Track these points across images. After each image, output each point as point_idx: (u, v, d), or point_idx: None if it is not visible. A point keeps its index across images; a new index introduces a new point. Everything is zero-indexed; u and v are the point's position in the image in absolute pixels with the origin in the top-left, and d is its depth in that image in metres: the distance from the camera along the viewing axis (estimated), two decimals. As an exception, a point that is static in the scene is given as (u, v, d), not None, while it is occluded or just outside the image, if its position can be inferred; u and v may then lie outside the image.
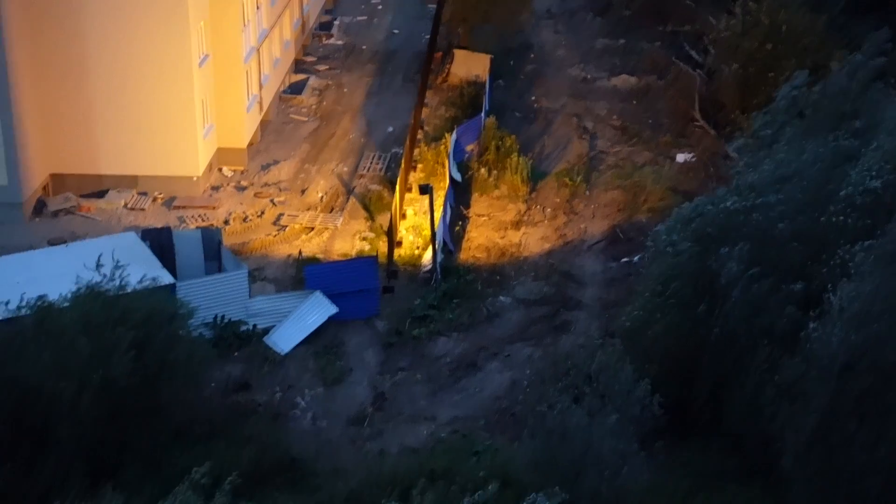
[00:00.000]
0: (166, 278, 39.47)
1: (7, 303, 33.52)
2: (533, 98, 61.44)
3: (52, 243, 46.07)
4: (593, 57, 65.80)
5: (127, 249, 40.15)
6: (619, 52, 65.65)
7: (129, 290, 33.15)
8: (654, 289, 34.09)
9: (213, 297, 40.16)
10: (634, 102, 60.14)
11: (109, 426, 30.84)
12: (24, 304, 32.42)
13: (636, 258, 45.29)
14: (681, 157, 53.78)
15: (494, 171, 52.33)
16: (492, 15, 64.59)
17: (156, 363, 31.98)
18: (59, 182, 50.65)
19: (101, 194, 50.45)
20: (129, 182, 50.83)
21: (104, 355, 30.69)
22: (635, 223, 48.28)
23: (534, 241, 48.12)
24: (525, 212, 50.34)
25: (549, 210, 50.34)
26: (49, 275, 38.54)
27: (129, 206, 49.93)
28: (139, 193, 50.68)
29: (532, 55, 66.61)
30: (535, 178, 52.65)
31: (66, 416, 29.96)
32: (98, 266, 33.42)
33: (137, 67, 49.22)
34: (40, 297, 32.50)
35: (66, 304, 32.30)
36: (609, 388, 28.20)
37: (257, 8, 55.91)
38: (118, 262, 33.88)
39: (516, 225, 49.35)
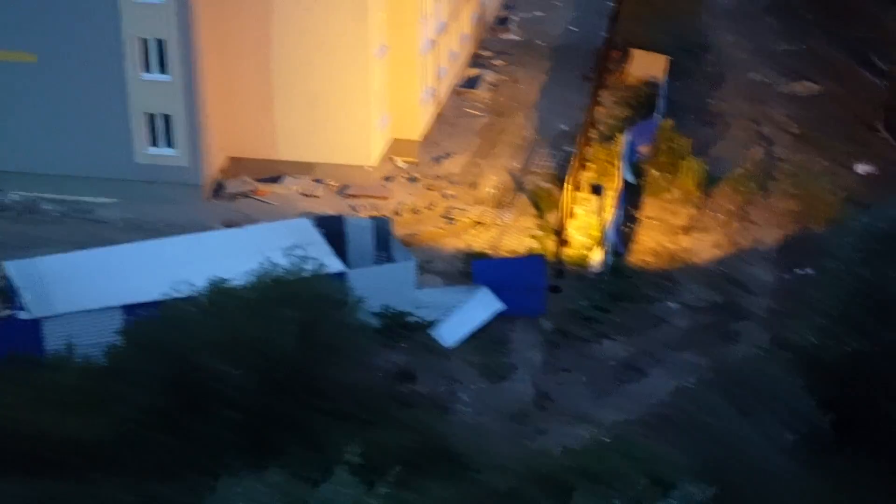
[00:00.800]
0: (337, 265, 40.06)
1: (182, 281, 34.40)
2: (709, 101, 60.55)
3: (227, 225, 47.16)
4: (773, 61, 64.54)
5: (300, 235, 40.90)
6: (800, 57, 64.27)
7: (300, 274, 33.73)
8: (829, 304, 33.25)
9: (381, 287, 40.59)
10: (814, 109, 58.81)
11: (274, 405, 31.41)
12: (198, 283, 33.27)
13: (810, 270, 44.30)
14: (861, 169, 52.43)
15: (667, 174, 51.75)
16: (670, 14, 63.81)
17: (322, 347, 32.45)
18: (237, 165, 51.79)
19: (276, 179, 51.43)
20: (305, 168, 51.69)
21: (273, 336, 31.29)
22: (811, 234, 47.23)
23: (705, 246, 47.47)
24: (697, 216, 49.66)
25: (721, 216, 49.58)
26: (224, 255, 39.47)
27: (303, 192, 50.80)
28: (314, 180, 51.50)
29: (710, 57, 65.63)
30: (709, 182, 51.89)
31: (233, 393, 30.61)
32: (272, 249, 34.09)
33: (316, 55, 50.00)
34: (214, 277, 33.31)
35: (239, 285, 33.03)
36: (775, 401, 27.65)
37: (436, 1, 56.25)
38: (291, 246, 34.52)
39: (687, 229, 48.73)
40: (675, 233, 48.43)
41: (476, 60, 64.61)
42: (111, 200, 49.46)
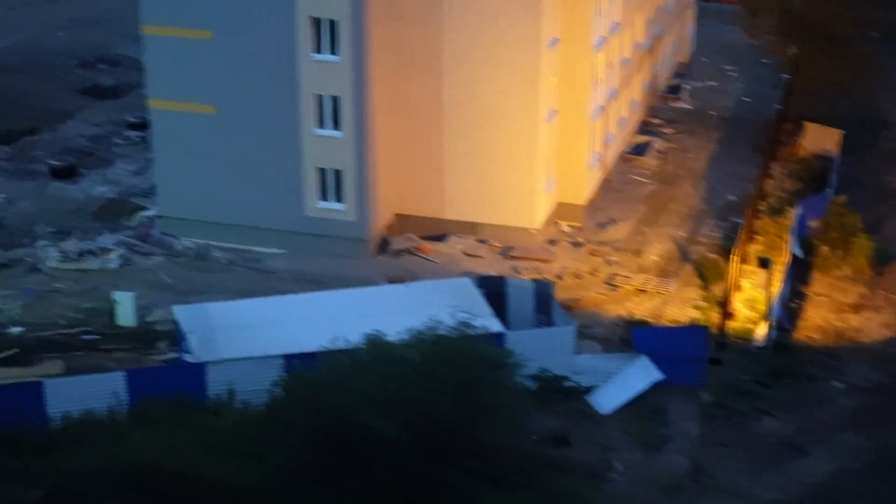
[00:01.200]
0: (496, 326, 40.03)
1: (343, 335, 34.71)
2: (884, 177, 59.06)
3: (391, 281, 47.60)
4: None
5: (461, 294, 41.02)
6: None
7: (460, 334, 33.74)
8: None
9: (539, 350, 40.34)
10: None
11: (427, 464, 31.37)
12: (358, 337, 33.55)
13: None
14: None
15: (838, 251, 50.53)
16: (846, 88, 62.52)
17: (479, 408, 32.35)
18: (403, 222, 52.32)
19: (441, 238, 51.78)
20: (469, 228, 51.94)
21: (429, 395, 31.30)
22: None
23: (874, 326, 46.11)
24: (867, 295, 48.32)
25: (893, 296, 48.12)
26: (386, 311, 39.78)
27: (467, 251, 51.03)
28: (478, 240, 51.72)
29: (886, 133, 64.09)
30: (881, 261, 50.48)
31: (386, 450, 30.68)
32: (433, 307, 34.22)
33: (486, 116, 50.36)
34: (375, 332, 33.56)
35: (398, 341, 33.21)
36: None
37: (608, 67, 56.23)
38: (452, 305, 34.62)
39: (857, 308, 47.43)
40: (843, 311, 47.18)
41: (645, 127, 64.32)
42: (279, 251, 50.43)
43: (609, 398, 40.42)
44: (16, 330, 44.61)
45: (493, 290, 43.07)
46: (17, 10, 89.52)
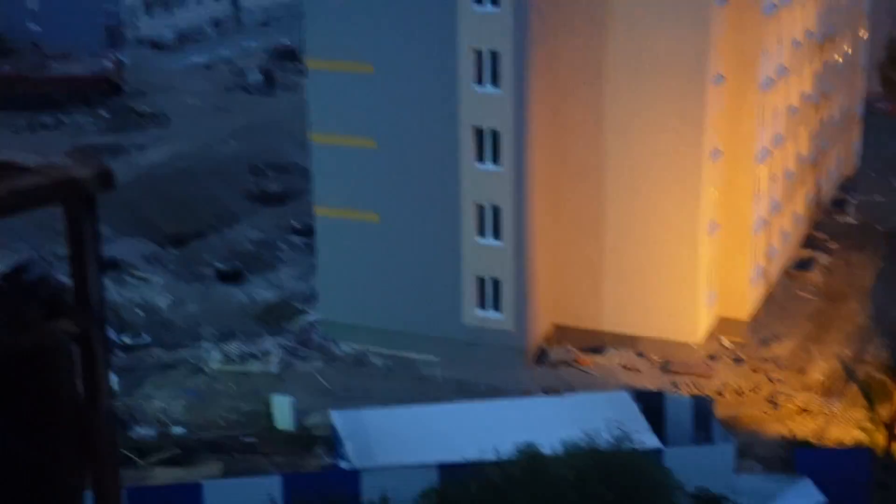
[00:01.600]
0: (654, 442, 39.22)
1: (498, 446, 34.39)
2: None
3: (546, 392, 47.18)
4: None
5: (618, 408, 40.33)
6: None
7: (617, 449, 33.12)
8: None
9: (697, 468, 39.32)
10: None
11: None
12: (514, 448, 33.19)
13: None
14: None
15: None
16: None
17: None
18: (560, 333, 51.99)
19: (599, 349, 51.26)
20: (628, 341, 51.33)
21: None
22: None
23: None
24: None
25: None
26: (541, 423, 39.33)
27: (624, 364, 50.37)
28: (636, 353, 51.04)
29: None
30: None
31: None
32: (589, 421, 33.72)
33: (647, 226, 49.99)
34: (529, 444, 33.15)
35: (553, 455, 32.73)
36: None
37: (772, 179, 55.44)
38: (609, 420, 34.06)
39: None
40: None
41: (810, 242, 63.02)
42: (436, 359, 50.49)
43: (769, 521, 39.12)
44: (177, 430, 45.41)
45: (651, 405, 42.27)
46: (190, 117, 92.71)
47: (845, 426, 45.76)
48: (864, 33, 73.28)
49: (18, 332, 3.23)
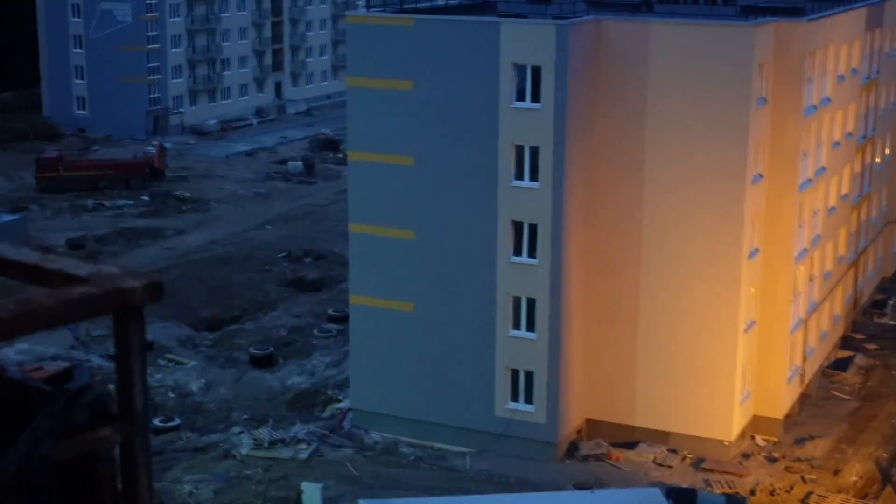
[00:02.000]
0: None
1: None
2: None
3: (577, 487, 46.53)
4: None
5: (650, 505, 39.69)
6: None
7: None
8: None
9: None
10: None
11: None
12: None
13: None
14: None
15: None
16: None
17: None
18: (592, 427, 51.43)
19: (631, 445, 50.62)
20: (660, 437, 50.69)
21: None
22: None
23: None
24: None
25: None
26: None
27: (657, 460, 49.69)
28: (669, 449, 50.37)
29: None
30: None
31: None
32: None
33: (683, 323, 49.59)
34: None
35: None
36: None
37: (810, 280, 55.04)
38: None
39: None
40: None
41: (847, 343, 62.35)
42: (466, 450, 49.99)
43: None
44: (206, 515, 45.04)
45: (683, 503, 41.61)
46: (230, 204, 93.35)
47: (882, 531, 44.81)
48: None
49: (63, 439, 3.24)
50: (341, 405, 54.40)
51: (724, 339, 49.40)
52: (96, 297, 3.06)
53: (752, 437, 52.07)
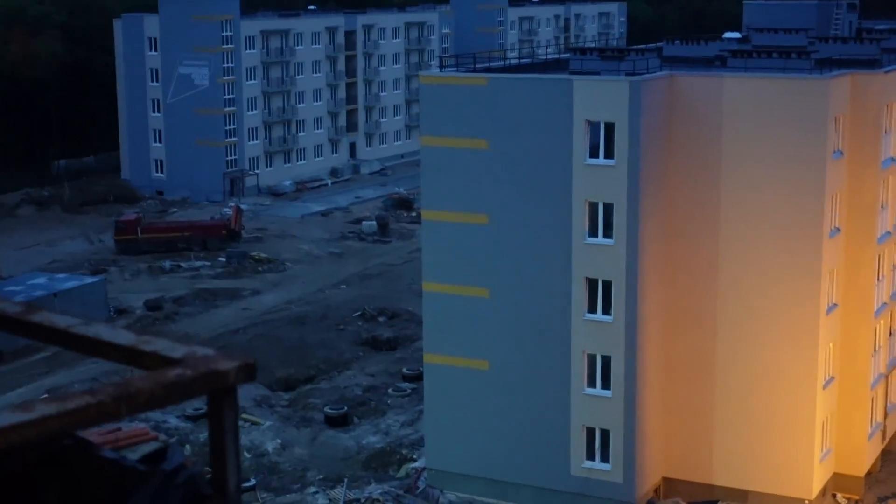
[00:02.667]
0: None
1: None
2: None
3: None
4: None
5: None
6: None
7: None
8: None
9: None
10: None
11: None
12: None
13: None
14: None
15: None
16: None
17: None
18: (669, 486, 50.68)
19: (710, 504, 49.86)
20: (739, 496, 49.80)
21: None
22: None
23: None
24: None
25: None
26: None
27: (737, 520, 48.83)
28: (748, 509, 49.49)
29: None
30: None
31: None
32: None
33: (761, 379, 48.84)
34: None
35: None
36: None
37: (890, 334, 54.07)
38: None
39: None
40: None
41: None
42: (544, 510, 49.50)
43: None
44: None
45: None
46: (305, 264, 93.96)
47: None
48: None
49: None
50: (416, 464, 54.14)
51: (802, 396, 48.58)
52: (192, 379, 3.02)
53: (833, 496, 51.01)
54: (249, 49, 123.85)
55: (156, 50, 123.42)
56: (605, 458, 49.13)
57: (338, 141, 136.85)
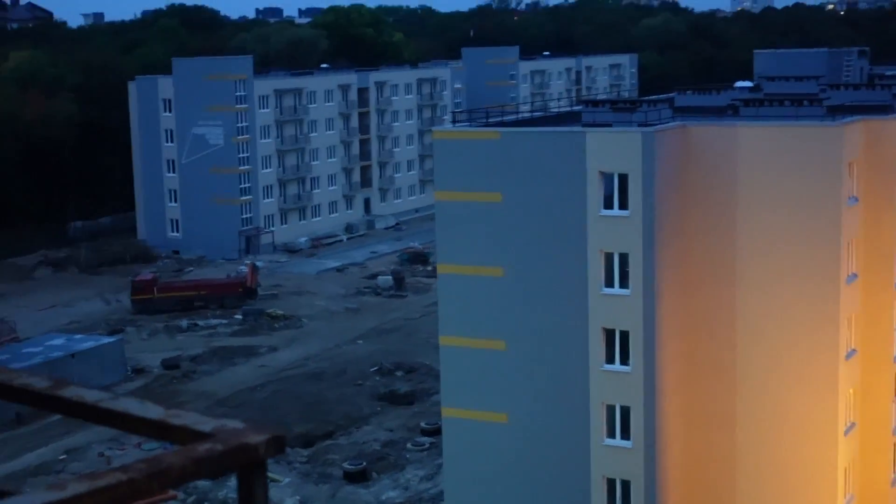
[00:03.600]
0: None
1: None
2: None
3: None
4: None
5: None
6: None
7: None
8: None
9: None
10: None
11: None
12: None
13: None
14: None
15: None
16: None
17: None
18: (694, 537, 50.22)
19: (735, 555, 49.30)
20: (765, 546, 49.35)
21: None
22: None
23: None
24: None
25: None
26: None
27: (761, 570, 48.29)
28: (773, 559, 48.94)
29: None
30: None
31: None
32: None
33: (783, 427, 48.40)
34: None
35: None
36: None
37: (911, 380, 53.68)
38: None
39: None
40: None
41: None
42: (566, 564, 49.03)
43: None
44: None
45: None
46: (321, 319, 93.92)
47: None
48: None
49: None
50: (437, 519, 53.75)
51: (824, 442, 48.18)
52: (222, 453, 2.99)
53: (860, 544, 50.50)
54: (263, 108, 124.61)
55: (170, 111, 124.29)
56: (627, 513, 48.69)
57: (352, 197, 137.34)
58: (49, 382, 3.36)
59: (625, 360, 47.78)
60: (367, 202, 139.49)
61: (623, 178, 47.02)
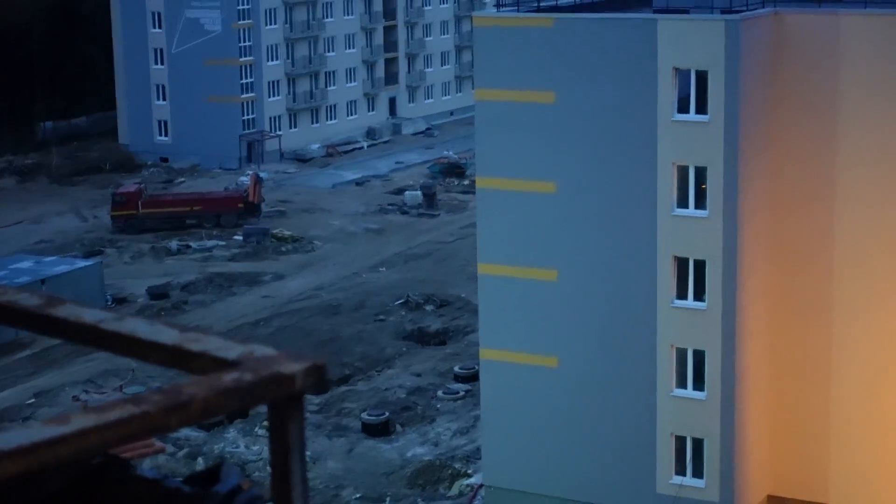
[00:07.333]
0: None
1: None
2: None
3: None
4: None
5: None
6: None
7: None
8: None
9: None
10: None
11: None
12: None
13: None
14: None
15: None
16: None
17: None
18: (776, 506, 50.71)
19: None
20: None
21: None
22: None
23: None
24: None
25: None
26: None
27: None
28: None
29: None
30: None
31: None
32: None
33: (888, 380, 48.54)
34: None
35: None
36: None
37: None
38: None
39: None
40: None
41: None
42: (625, 535, 49.59)
43: None
44: None
45: None
46: (337, 242, 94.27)
47: None
48: None
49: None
50: (471, 481, 54.35)
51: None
52: (251, 384, 3.00)
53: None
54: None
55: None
56: (697, 473, 49.14)
57: (375, 95, 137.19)
58: (41, 300, 3.38)
59: (700, 296, 47.91)
60: (392, 102, 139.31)
61: (702, 77, 46.85)
